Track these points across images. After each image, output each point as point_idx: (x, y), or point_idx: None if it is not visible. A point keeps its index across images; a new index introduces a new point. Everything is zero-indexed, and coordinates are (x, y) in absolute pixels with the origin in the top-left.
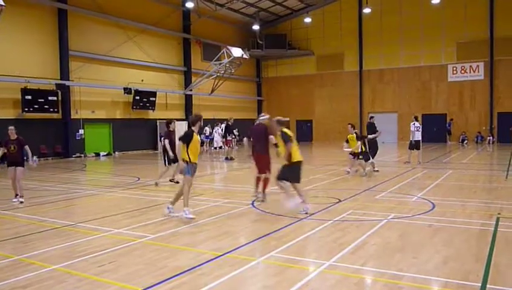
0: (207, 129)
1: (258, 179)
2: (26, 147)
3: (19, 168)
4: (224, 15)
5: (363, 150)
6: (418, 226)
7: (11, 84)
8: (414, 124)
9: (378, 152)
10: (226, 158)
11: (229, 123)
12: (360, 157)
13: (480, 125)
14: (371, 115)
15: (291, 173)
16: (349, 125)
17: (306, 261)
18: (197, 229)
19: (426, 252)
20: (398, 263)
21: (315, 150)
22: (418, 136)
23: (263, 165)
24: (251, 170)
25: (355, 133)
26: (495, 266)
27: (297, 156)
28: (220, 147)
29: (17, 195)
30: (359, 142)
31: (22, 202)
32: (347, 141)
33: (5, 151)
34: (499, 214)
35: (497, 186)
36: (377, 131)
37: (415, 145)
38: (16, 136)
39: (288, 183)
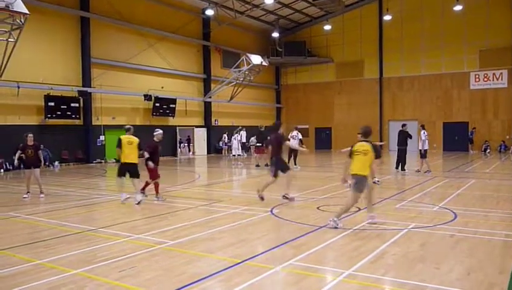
0: (225, 136)
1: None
2: (40, 151)
3: (36, 169)
4: (243, 22)
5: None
6: (439, 236)
7: (35, 91)
8: (424, 132)
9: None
10: (257, 165)
11: (261, 130)
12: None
13: (504, 134)
14: (403, 123)
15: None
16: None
17: (325, 270)
18: (216, 235)
19: (448, 263)
20: (420, 274)
21: (334, 157)
22: (427, 144)
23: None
24: (269, 177)
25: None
26: None
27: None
28: (239, 155)
29: (28, 192)
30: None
31: (42, 197)
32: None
33: (22, 155)
34: None
35: None
36: (410, 139)
37: (425, 154)
38: (32, 142)
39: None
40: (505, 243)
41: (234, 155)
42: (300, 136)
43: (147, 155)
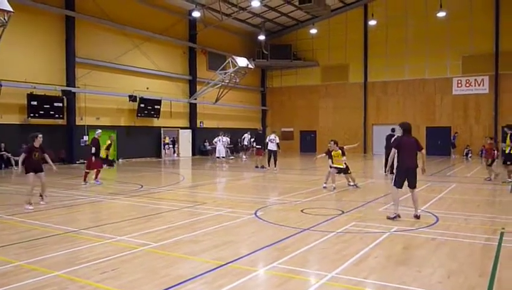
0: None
1: None
2: (46, 154)
3: (43, 173)
4: (230, 25)
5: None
6: (421, 240)
7: (18, 89)
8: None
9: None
10: (257, 167)
11: (259, 132)
12: (349, 171)
13: (485, 139)
14: (392, 127)
15: None
16: (332, 142)
17: (308, 273)
18: (199, 238)
19: (430, 266)
20: (402, 276)
21: (318, 161)
22: None
23: None
24: (255, 179)
25: (340, 148)
26: (499, 281)
27: None
28: (223, 157)
29: (41, 196)
30: (344, 158)
31: (44, 203)
32: (330, 157)
33: (25, 156)
34: (503, 228)
35: (501, 200)
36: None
37: None
38: (39, 144)
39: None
40: (485, 247)
41: (218, 157)
42: (277, 140)
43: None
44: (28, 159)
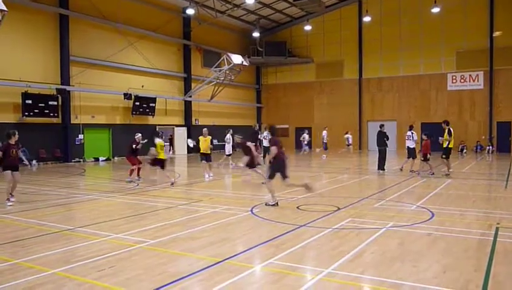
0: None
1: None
2: (20, 151)
3: (18, 173)
4: (224, 22)
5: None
6: (417, 235)
7: (12, 88)
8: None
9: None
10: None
11: (256, 130)
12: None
13: (480, 135)
14: (381, 123)
15: None
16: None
17: (305, 269)
18: (196, 235)
19: (425, 261)
20: (397, 272)
21: (314, 157)
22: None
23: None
24: (251, 176)
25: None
26: (494, 276)
27: None
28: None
29: (13, 196)
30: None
31: (12, 204)
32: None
33: (2, 154)
34: (498, 224)
35: (496, 196)
36: (387, 140)
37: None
38: (15, 141)
39: None
40: (480, 242)
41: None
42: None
43: None
44: (5, 156)
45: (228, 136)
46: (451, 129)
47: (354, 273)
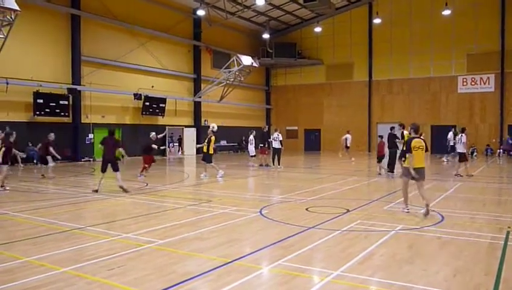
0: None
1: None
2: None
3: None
4: (234, 23)
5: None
6: (427, 238)
7: (24, 87)
8: (462, 136)
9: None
10: (261, 165)
11: (264, 131)
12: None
13: (490, 138)
14: (391, 126)
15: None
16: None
17: (313, 271)
18: (205, 235)
19: (435, 264)
20: (407, 275)
21: (323, 159)
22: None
23: None
24: (259, 177)
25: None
26: (505, 280)
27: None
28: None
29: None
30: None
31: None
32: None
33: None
34: (509, 227)
35: (507, 199)
36: (399, 142)
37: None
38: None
39: None
40: (491, 245)
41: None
42: (280, 138)
43: None
44: (7, 153)
45: (251, 137)
46: (405, 132)
47: (363, 275)
